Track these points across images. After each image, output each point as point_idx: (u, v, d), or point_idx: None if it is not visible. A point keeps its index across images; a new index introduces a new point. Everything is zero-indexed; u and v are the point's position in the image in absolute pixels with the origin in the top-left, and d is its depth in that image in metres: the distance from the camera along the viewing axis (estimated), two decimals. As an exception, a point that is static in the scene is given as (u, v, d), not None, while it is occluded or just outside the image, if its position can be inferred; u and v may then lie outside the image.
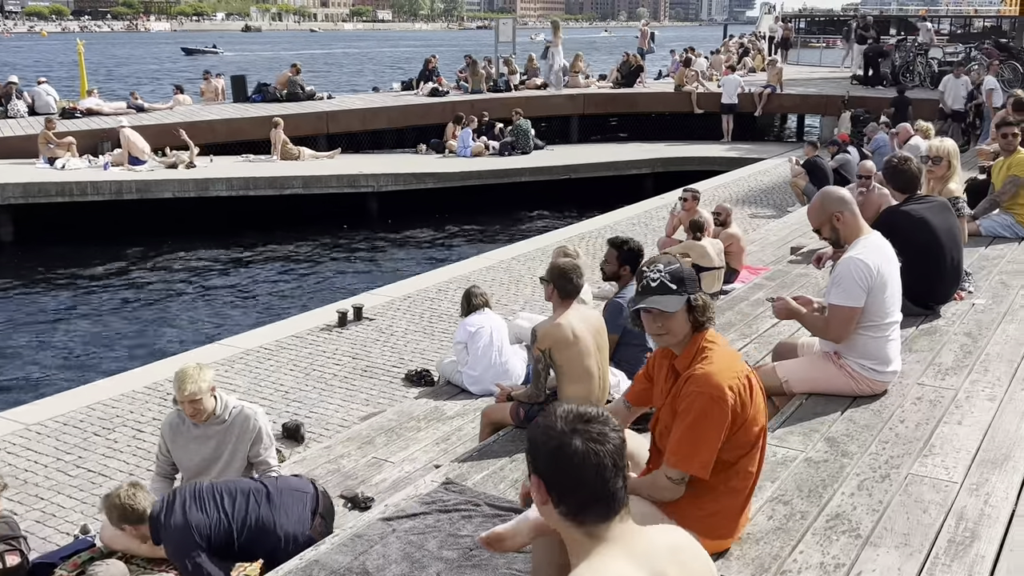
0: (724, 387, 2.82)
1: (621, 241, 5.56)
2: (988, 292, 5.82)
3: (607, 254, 5.61)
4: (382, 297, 9.82)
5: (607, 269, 5.61)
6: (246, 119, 19.06)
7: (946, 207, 5.30)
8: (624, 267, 5.55)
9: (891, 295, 4.07)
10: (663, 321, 2.92)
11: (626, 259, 5.54)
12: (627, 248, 5.52)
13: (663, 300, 2.89)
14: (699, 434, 2.81)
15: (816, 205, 4.22)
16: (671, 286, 2.91)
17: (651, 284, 2.93)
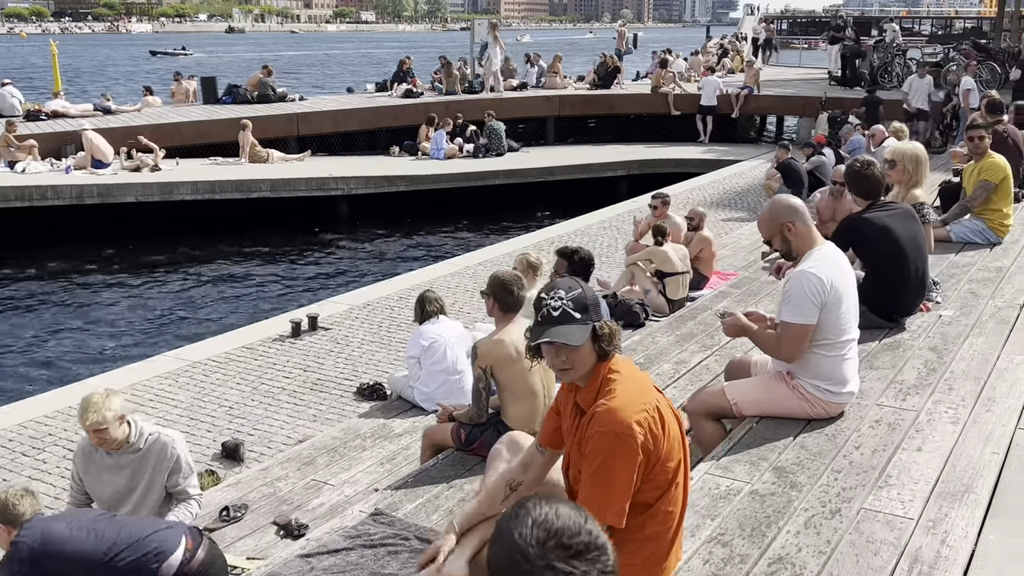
0: (631, 423, 2.53)
1: (571, 251, 5.28)
2: (956, 303, 5.56)
3: (556, 264, 5.32)
4: (340, 305, 9.50)
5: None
6: (214, 121, 18.69)
7: (910, 214, 5.04)
8: (575, 278, 5.25)
9: (846, 311, 3.80)
10: (567, 355, 2.62)
11: (576, 269, 5.26)
12: (577, 258, 5.24)
13: (567, 331, 2.59)
14: (609, 479, 2.52)
15: (766, 215, 3.94)
16: (575, 315, 2.61)
17: (552, 313, 2.62)
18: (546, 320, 2.63)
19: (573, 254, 5.25)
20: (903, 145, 5.60)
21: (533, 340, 2.64)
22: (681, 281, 8.84)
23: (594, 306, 2.67)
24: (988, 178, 6.93)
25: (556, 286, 2.68)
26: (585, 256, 5.25)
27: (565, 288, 2.66)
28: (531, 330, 2.68)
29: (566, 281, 2.72)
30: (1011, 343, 4.85)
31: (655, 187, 17.38)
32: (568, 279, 2.74)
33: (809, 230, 3.87)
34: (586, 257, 5.25)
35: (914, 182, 5.56)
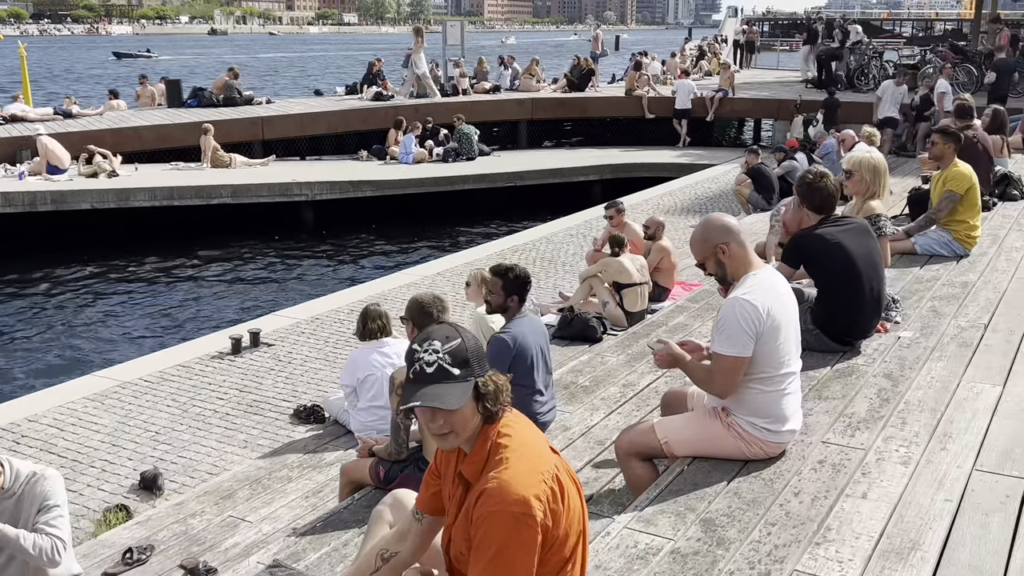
0: (528, 499, 2.15)
1: (505, 268, 4.89)
2: (917, 322, 5.22)
3: (491, 284, 4.94)
4: (287, 319, 9.09)
5: (492, 301, 4.94)
6: (176, 125, 18.21)
7: (864, 230, 4.69)
8: (511, 298, 4.89)
9: (785, 342, 3.44)
10: (445, 418, 2.24)
11: (512, 288, 4.87)
12: (512, 276, 4.85)
13: (442, 392, 2.21)
14: (507, 569, 2.14)
15: (698, 235, 3.58)
16: (452, 370, 2.23)
17: (425, 370, 2.23)
18: (418, 378, 2.24)
19: (507, 272, 4.86)
20: (860, 154, 5.25)
21: (403, 403, 2.25)
22: (639, 293, 8.49)
23: (477, 358, 2.28)
24: (952, 188, 6.60)
25: (431, 335, 2.29)
26: (520, 274, 4.87)
27: (441, 338, 2.26)
28: (404, 389, 2.28)
29: (443, 329, 2.32)
30: (972, 368, 4.51)
31: (629, 192, 17.14)
32: (446, 326, 2.34)
33: (745, 252, 3.51)
34: (522, 275, 4.87)
35: (872, 193, 5.21)
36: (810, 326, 4.69)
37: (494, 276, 4.91)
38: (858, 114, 19.42)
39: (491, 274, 4.95)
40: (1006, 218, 8.09)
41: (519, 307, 4.91)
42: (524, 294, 4.91)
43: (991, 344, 4.85)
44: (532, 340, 4.85)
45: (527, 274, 4.92)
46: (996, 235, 7.43)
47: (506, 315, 4.93)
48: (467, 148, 18.69)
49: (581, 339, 8.04)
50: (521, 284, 4.87)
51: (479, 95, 22.38)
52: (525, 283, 4.89)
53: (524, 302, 4.94)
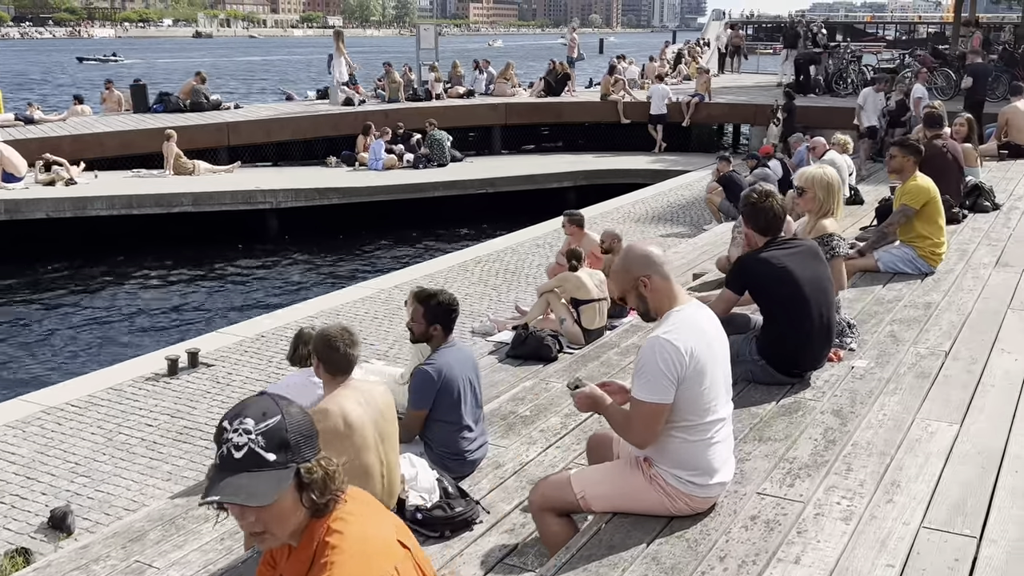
0: None
1: (428, 294, 4.53)
2: (873, 349, 4.88)
3: (413, 311, 4.58)
4: (231, 337, 8.69)
5: (414, 329, 4.58)
6: (138, 131, 17.77)
7: (813, 253, 4.35)
8: (434, 326, 4.52)
9: (711, 386, 3.09)
10: (257, 515, 1.85)
11: (435, 316, 4.51)
12: (435, 303, 4.49)
13: (251, 484, 1.80)
14: None
15: (618, 267, 3.23)
16: (266, 456, 1.82)
17: (233, 454, 1.83)
18: (224, 464, 1.84)
19: (429, 298, 4.50)
20: (813, 170, 4.91)
21: (203, 498, 1.86)
22: (598, 309, 8.13)
23: (301, 438, 1.88)
24: (908, 203, 6.29)
25: (243, 411, 1.88)
26: (445, 301, 4.50)
27: (256, 415, 1.86)
28: (208, 476, 1.90)
29: (261, 403, 1.91)
30: (929, 403, 4.17)
31: (604, 198, 16.82)
32: (265, 399, 1.93)
33: (668, 285, 3.16)
34: (446, 302, 4.50)
35: (825, 211, 4.88)
36: (755, 356, 4.36)
37: (416, 302, 4.55)
38: (836, 119, 19.21)
39: (413, 299, 4.59)
40: (976, 231, 7.79)
41: (444, 336, 4.55)
42: (449, 322, 4.55)
43: (951, 375, 4.52)
44: (459, 372, 4.49)
45: (452, 301, 4.55)
46: (964, 250, 7.12)
47: (431, 344, 4.57)
48: (438, 154, 18.34)
49: (535, 358, 7.68)
50: (445, 312, 4.51)
51: (452, 100, 22.02)
52: (449, 311, 4.53)
53: (450, 331, 4.58)
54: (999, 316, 5.42)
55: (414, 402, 4.47)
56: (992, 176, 10.29)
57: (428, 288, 4.65)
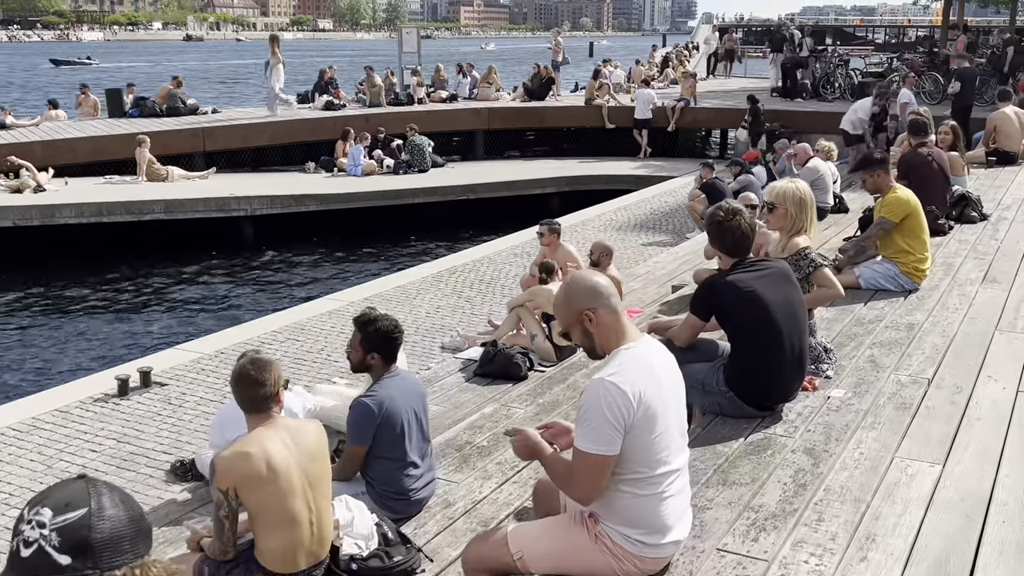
0: None
1: (366, 319, 4.18)
2: (851, 377, 4.55)
3: (352, 337, 4.23)
4: (188, 354, 8.31)
5: (352, 357, 4.23)
6: (111, 137, 17.40)
7: (784, 276, 4.02)
8: (371, 355, 4.17)
9: (663, 434, 2.75)
10: None
11: (373, 343, 4.16)
12: (373, 329, 4.14)
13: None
14: None
15: (561, 299, 2.90)
16: (58, 559, 1.49)
17: (21, 551, 1.50)
18: (12, 563, 1.50)
19: (367, 324, 4.15)
20: (784, 185, 4.57)
21: None
22: (571, 325, 7.79)
23: (111, 541, 1.51)
24: (886, 216, 5.97)
25: (46, 498, 1.54)
26: (384, 327, 4.15)
27: (58, 505, 1.52)
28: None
29: (73, 489, 1.55)
30: (909, 440, 3.85)
31: (587, 204, 16.50)
32: (80, 484, 1.57)
33: (616, 319, 2.83)
34: (385, 328, 4.15)
35: (798, 228, 4.54)
36: (723, 387, 4.03)
37: (355, 328, 4.20)
38: (820, 124, 18.95)
39: (354, 325, 4.24)
40: (962, 244, 7.48)
41: (385, 365, 4.20)
42: (390, 350, 4.20)
43: (933, 406, 4.20)
44: (403, 404, 4.14)
45: (393, 327, 4.20)
46: (950, 264, 6.81)
47: (371, 374, 4.22)
48: (419, 160, 18.01)
49: (504, 377, 7.32)
50: (384, 339, 4.16)
51: (435, 104, 21.69)
52: (389, 338, 4.18)
53: (392, 359, 4.23)
54: (986, 338, 5.10)
55: (352, 437, 4.13)
56: (980, 184, 10.01)
57: (369, 312, 4.29)
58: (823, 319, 5.32)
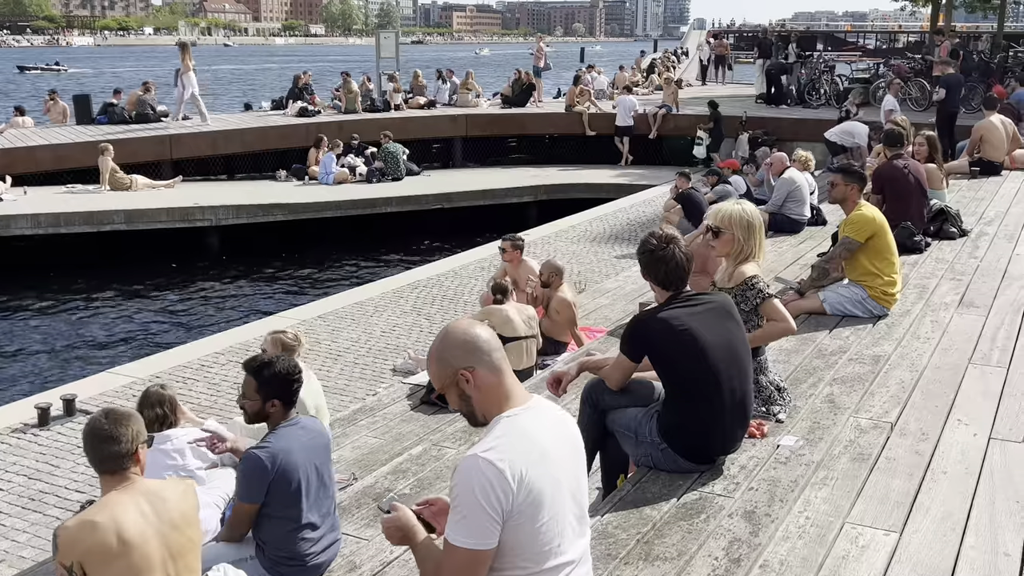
0: None
1: (259, 363, 3.71)
2: (806, 421, 4.09)
3: (244, 385, 3.75)
4: (121, 378, 7.82)
5: (247, 408, 3.75)
6: (75, 144, 16.89)
7: (725, 311, 3.55)
8: (271, 402, 3.70)
9: (553, 520, 2.29)
10: None
11: (271, 389, 3.69)
12: (269, 373, 3.67)
13: None
14: None
15: (433, 354, 2.44)
16: None
17: None
18: None
19: (262, 368, 3.67)
20: (730, 207, 4.08)
21: None
22: (525, 348, 7.32)
23: None
24: (851, 235, 5.51)
25: None
26: (282, 370, 3.68)
27: None
28: None
29: None
30: (864, 500, 3.38)
31: (565, 213, 16.04)
32: None
33: (499, 380, 2.37)
34: (283, 371, 3.68)
35: (746, 255, 4.08)
36: (656, 438, 3.56)
37: (247, 373, 3.72)
38: (803, 132, 18.57)
39: (244, 370, 3.76)
40: (939, 263, 7.02)
41: (285, 412, 3.73)
42: (290, 395, 3.73)
43: (894, 457, 3.74)
44: (302, 457, 3.66)
45: (292, 369, 3.73)
46: (924, 286, 6.35)
47: (268, 424, 3.74)
48: (393, 168, 17.55)
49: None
50: (284, 382, 3.69)
51: (412, 111, 21.23)
52: (289, 380, 3.71)
53: (292, 404, 3.76)
54: (958, 373, 4.65)
55: (241, 494, 3.65)
56: (961, 197, 9.58)
57: (262, 355, 3.81)
58: (781, 350, 4.86)
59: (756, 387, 4.09)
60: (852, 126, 15.18)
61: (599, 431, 3.83)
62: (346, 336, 8.94)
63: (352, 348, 8.61)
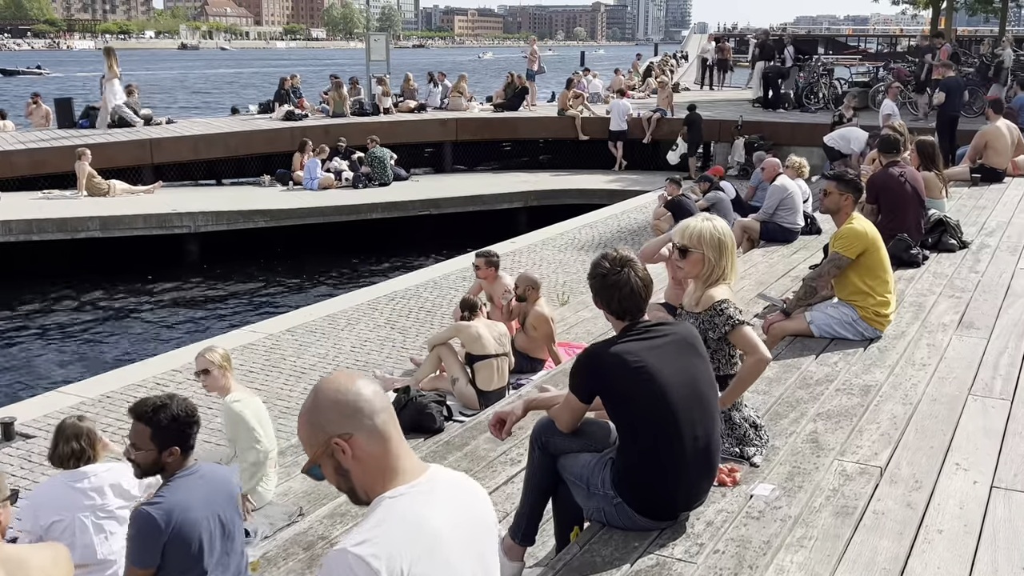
0: None
1: (151, 407, 3.25)
2: (784, 465, 3.61)
3: (134, 434, 3.29)
4: (67, 398, 7.35)
5: (139, 460, 3.29)
6: (52, 149, 16.47)
7: (687, 344, 3.09)
8: (170, 450, 3.25)
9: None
10: None
11: (169, 436, 3.24)
12: (168, 418, 3.22)
13: None
14: None
15: (303, 416, 1.98)
16: None
17: None
18: None
19: (154, 413, 3.22)
20: (698, 224, 3.58)
21: None
22: (496, 367, 6.88)
23: None
24: (840, 251, 5.04)
25: None
26: (179, 413, 3.22)
27: None
28: None
29: None
30: (846, 567, 2.91)
31: (557, 220, 15.60)
32: None
33: (384, 449, 1.92)
34: (181, 414, 3.22)
35: (716, 277, 3.60)
36: (609, 490, 3.10)
37: (137, 421, 3.25)
38: (800, 136, 18.14)
39: (132, 416, 3.29)
40: (938, 278, 6.55)
41: (183, 460, 3.27)
42: (186, 440, 3.28)
43: (883, 510, 3.27)
44: (203, 510, 3.21)
45: (189, 410, 3.27)
46: (921, 304, 5.88)
47: (164, 475, 3.28)
48: (380, 173, 17.11)
49: (416, 430, 6.42)
50: (180, 428, 3.23)
51: (402, 115, 20.78)
52: (186, 424, 3.25)
53: (190, 450, 3.30)
54: (956, 408, 4.18)
55: (133, 557, 3.19)
56: (961, 205, 9.11)
57: (153, 398, 3.34)
58: (762, 379, 4.38)
59: (729, 426, 3.63)
60: (849, 131, 14.73)
61: (550, 477, 3.38)
62: (313, 352, 8.48)
63: (318, 365, 8.15)
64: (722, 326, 3.54)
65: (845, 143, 14.38)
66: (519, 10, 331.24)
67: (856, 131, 14.57)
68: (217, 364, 5.15)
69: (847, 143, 14.31)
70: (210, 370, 5.16)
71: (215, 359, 5.16)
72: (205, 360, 5.13)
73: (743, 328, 3.53)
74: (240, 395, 5.26)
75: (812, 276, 5.20)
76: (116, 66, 17.99)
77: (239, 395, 5.25)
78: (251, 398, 5.41)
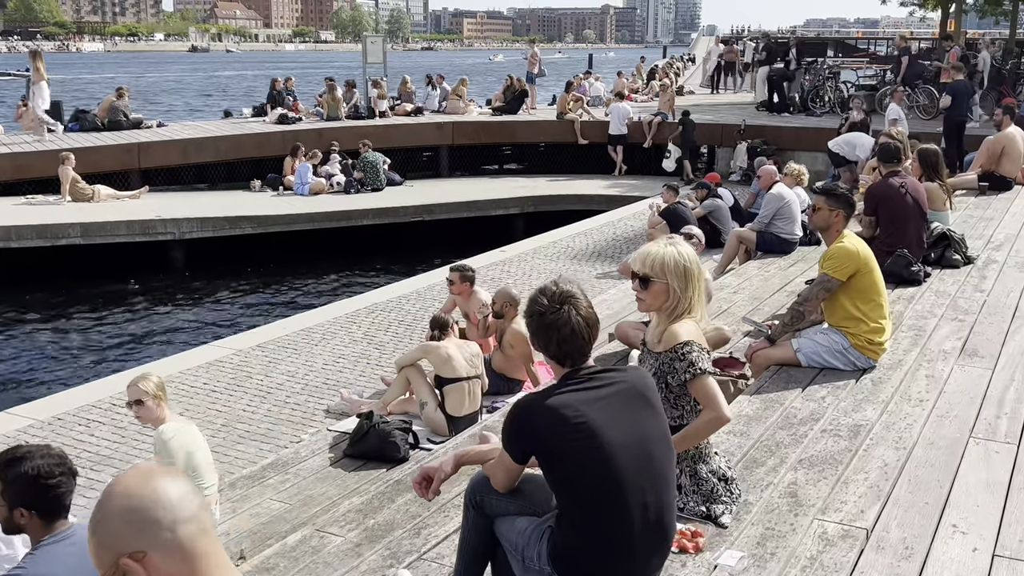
0: None
1: (6, 460, 2.83)
2: (757, 526, 3.16)
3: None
4: (17, 420, 6.93)
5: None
6: (36, 153, 16.10)
7: (636, 395, 2.64)
8: (21, 511, 2.81)
9: None
10: None
11: (19, 496, 2.81)
12: (17, 474, 2.79)
13: None
14: None
15: (90, 525, 1.54)
16: None
17: None
18: None
19: (10, 466, 2.77)
20: (659, 250, 3.10)
21: None
22: (468, 390, 6.44)
23: None
24: (830, 272, 4.58)
25: None
26: (36, 471, 2.74)
27: None
28: None
29: None
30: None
31: (554, 226, 15.17)
32: None
33: (190, 568, 1.48)
34: (34, 473, 2.73)
35: (681, 311, 3.13)
36: (545, 566, 2.66)
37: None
38: (804, 141, 17.67)
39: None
40: (940, 297, 6.08)
41: (47, 525, 2.84)
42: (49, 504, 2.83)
43: (867, 586, 2.82)
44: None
45: (54, 467, 2.84)
46: (921, 328, 5.41)
47: (30, 538, 2.86)
48: (372, 178, 16.71)
49: (379, 459, 5.99)
50: (39, 488, 2.79)
51: (398, 118, 20.38)
52: (46, 487, 2.81)
53: (57, 515, 2.86)
54: (956, 453, 3.72)
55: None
56: (968, 216, 8.63)
57: (14, 447, 2.90)
58: (740, 417, 3.96)
59: (694, 481, 3.19)
60: (855, 137, 14.24)
61: (487, 540, 2.95)
62: (283, 369, 8.05)
63: (286, 384, 7.72)
64: (682, 372, 3.09)
65: (850, 149, 13.91)
66: (528, 12, 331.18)
67: (862, 137, 14.09)
68: (151, 394, 4.75)
69: (852, 149, 13.83)
70: (143, 400, 4.76)
71: (149, 388, 4.76)
72: (138, 390, 4.73)
73: (704, 379, 3.07)
74: (174, 425, 4.84)
75: (799, 300, 4.74)
76: (43, 68, 17.54)
77: (174, 425, 4.84)
78: (187, 427, 4.99)
